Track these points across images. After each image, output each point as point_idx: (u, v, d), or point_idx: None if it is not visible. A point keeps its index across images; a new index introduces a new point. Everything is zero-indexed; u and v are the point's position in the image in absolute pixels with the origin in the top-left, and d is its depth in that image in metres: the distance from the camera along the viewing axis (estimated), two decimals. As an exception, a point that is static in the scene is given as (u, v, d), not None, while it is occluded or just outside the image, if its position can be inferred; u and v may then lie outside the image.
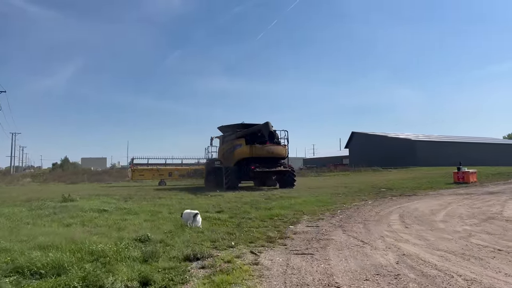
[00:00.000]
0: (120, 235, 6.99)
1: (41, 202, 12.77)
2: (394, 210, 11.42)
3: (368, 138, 71.47)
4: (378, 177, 35.04)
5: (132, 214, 10.29)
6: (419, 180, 27.32)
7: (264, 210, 11.11)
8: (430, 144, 64.90)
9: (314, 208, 11.82)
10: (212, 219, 9.34)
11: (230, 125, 24.96)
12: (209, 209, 11.50)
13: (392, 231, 7.96)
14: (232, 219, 9.55)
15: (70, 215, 9.83)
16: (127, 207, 11.48)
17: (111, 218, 9.35)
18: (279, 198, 15.15)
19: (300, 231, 7.92)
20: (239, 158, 22.61)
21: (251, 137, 22.80)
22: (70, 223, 8.74)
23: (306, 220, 9.47)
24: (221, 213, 10.57)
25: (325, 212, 11.07)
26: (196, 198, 15.41)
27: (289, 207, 11.95)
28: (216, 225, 8.57)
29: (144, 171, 29.65)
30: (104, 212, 10.61)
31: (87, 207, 11.37)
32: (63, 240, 6.34)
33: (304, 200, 13.74)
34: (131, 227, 8.05)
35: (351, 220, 9.59)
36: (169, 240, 6.57)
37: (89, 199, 14.15)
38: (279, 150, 22.66)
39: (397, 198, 15.45)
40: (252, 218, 9.62)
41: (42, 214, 10.08)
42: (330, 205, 12.74)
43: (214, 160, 26.87)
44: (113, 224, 8.49)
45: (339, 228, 8.37)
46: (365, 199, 15.06)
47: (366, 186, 22.70)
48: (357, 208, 12.21)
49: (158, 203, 13.52)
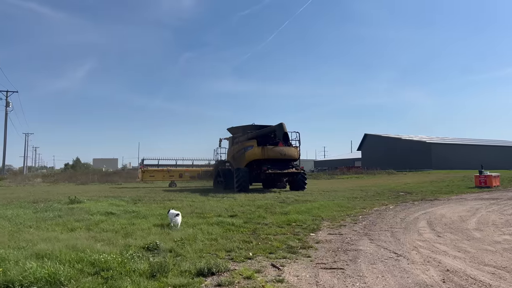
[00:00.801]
0: (126, 242, 6.39)
1: (47, 204, 12.29)
2: (420, 217, 10.63)
3: (381, 140, 70.13)
4: (394, 180, 34.07)
5: (141, 218, 9.70)
6: (437, 184, 26.35)
7: (280, 215, 10.43)
8: (445, 146, 63.33)
9: (333, 213, 11.10)
10: (225, 224, 8.69)
11: (240, 127, 24.33)
12: (221, 213, 10.86)
13: (424, 240, 7.21)
14: (247, 224, 8.89)
15: (76, 218, 9.29)
16: (135, 210, 10.90)
17: (118, 222, 8.77)
18: (294, 201, 14.45)
19: (322, 239, 7.22)
20: (250, 160, 21.95)
21: (263, 138, 22.13)
22: (74, 227, 8.18)
23: (326, 227, 8.76)
24: (235, 218, 9.92)
25: (346, 218, 10.34)
26: (207, 201, 14.80)
27: (306, 211, 11.25)
28: (230, 231, 7.92)
29: (155, 172, 29.19)
30: (112, 215, 10.04)
31: (94, 209, 10.84)
32: (64, 247, 5.76)
33: (321, 204, 13.01)
34: (139, 233, 7.45)
35: (376, 227, 8.84)
36: (179, 249, 5.93)
37: (97, 201, 13.63)
38: (291, 152, 21.94)
39: (419, 203, 14.61)
40: (268, 224, 8.95)
41: (47, 217, 9.56)
42: (350, 210, 12.01)
43: (223, 161, 26.28)
44: (120, 229, 7.90)
45: (365, 236, 7.65)
46: (385, 204, 14.28)
47: (383, 189, 21.87)
48: (379, 213, 11.44)
49: (169, 205, 12.92)
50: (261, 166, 21.34)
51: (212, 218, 9.78)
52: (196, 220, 9.33)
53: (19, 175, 44.09)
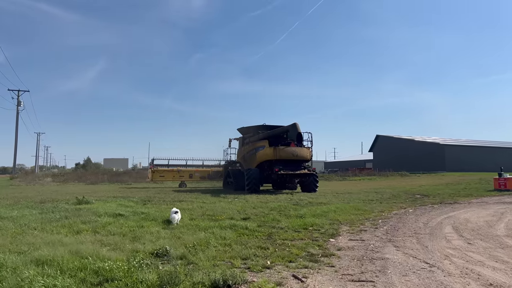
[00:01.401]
0: (134, 247, 5.95)
1: (54, 204, 11.96)
2: (443, 221, 10.03)
3: (393, 141, 69.08)
4: (408, 182, 33.25)
5: (150, 220, 9.29)
6: (454, 187, 25.52)
7: (295, 218, 9.92)
8: (459, 148, 62.06)
9: (351, 217, 10.56)
10: (238, 228, 8.21)
11: (251, 127, 23.87)
12: (234, 215, 10.40)
13: (454, 248, 6.64)
14: (261, 228, 8.41)
15: (82, 220, 8.91)
16: (144, 212, 10.50)
17: (126, 225, 8.36)
18: (308, 204, 13.92)
19: (344, 246, 6.70)
20: (261, 160, 21.47)
21: (274, 138, 21.64)
22: (80, 229, 7.79)
23: (346, 232, 8.23)
24: (248, 221, 9.45)
25: (365, 222, 9.79)
26: (218, 202, 14.35)
27: (322, 215, 10.72)
28: (244, 235, 7.44)
29: (165, 172, 28.86)
30: (120, 217, 9.65)
31: (102, 211, 10.47)
32: (67, 253, 5.35)
33: (337, 207, 12.47)
34: (148, 237, 7.02)
35: (399, 232, 8.28)
36: (191, 255, 5.47)
37: (105, 202, 13.29)
38: (304, 153, 21.39)
39: (438, 207, 13.96)
40: (283, 228, 8.46)
41: (53, 218, 9.20)
42: (368, 214, 11.44)
43: (233, 162, 25.84)
44: (128, 232, 7.49)
45: (389, 243, 7.10)
46: (403, 207, 13.66)
47: (399, 192, 21.18)
48: (399, 217, 10.86)
49: (179, 207, 12.47)
50: (272, 167, 20.85)
51: (224, 221, 9.33)
52: (208, 223, 8.88)
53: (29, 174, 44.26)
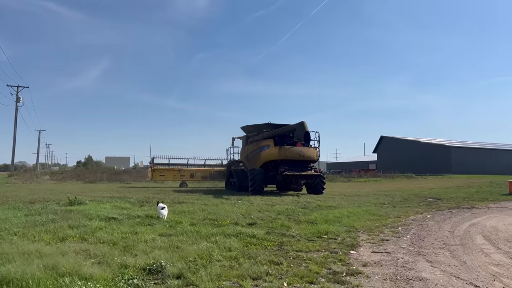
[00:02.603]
0: (123, 261, 5.03)
1: (44, 205, 11.05)
2: (470, 230, 9.07)
3: (398, 143, 68.02)
4: (416, 184, 32.25)
5: (146, 225, 8.37)
6: (465, 190, 24.51)
7: (306, 225, 8.99)
8: (465, 150, 61.00)
9: (367, 223, 9.62)
10: (245, 236, 7.28)
11: (255, 125, 22.89)
12: (238, 220, 9.47)
13: (498, 264, 5.69)
14: (270, 236, 7.47)
15: (71, 224, 8.00)
16: (140, 215, 9.58)
17: (119, 230, 7.45)
18: (317, 207, 12.98)
19: (369, 260, 5.75)
20: (265, 160, 20.52)
21: (280, 138, 20.70)
22: (66, 236, 6.88)
23: (367, 242, 7.29)
24: (255, 227, 8.52)
25: (384, 229, 8.85)
26: (221, 204, 13.42)
27: (336, 220, 9.78)
28: (252, 245, 6.51)
29: (165, 171, 27.93)
30: (113, 221, 8.73)
31: (94, 213, 9.55)
32: (42, 269, 4.43)
33: (350, 212, 11.52)
34: (141, 246, 6.10)
35: (426, 243, 7.34)
36: (191, 273, 4.54)
37: (100, 203, 12.38)
38: (310, 153, 20.42)
39: (457, 212, 13.00)
40: (295, 236, 7.52)
41: (38, 222, 8.29)
42: (384, 219, 10.51)
43: (236, 161, 24.91)
44: (120, 240, 6.57)
45: (419, 256, 6.16)
46: (419, 212, 12.71)
47: (409, 195, 20.19)
48: (419, 224, 9.91)
49: (178, 209, 11.62)
50: (277, 167, 19.90)
51: (228, 226, 8.41)
52: (210, 229, 7.95)
53: (28, 172, 43.42)
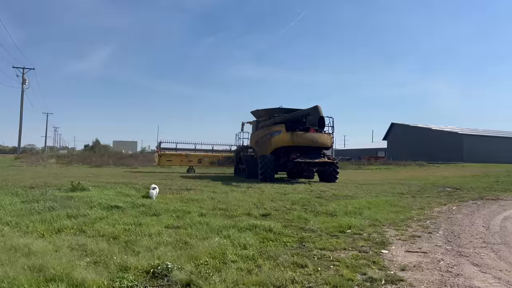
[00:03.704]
0: (123, 261, 4.33)
1: (44, 190, 10.42)
2: (505, 224, 8.24)
3: (409, 130, 66.72)
4: (429, 172, 31.33)
5: (151, 214, 7.68)
6: (483, 179, 23.54)
7: (325, 217, 8.24)
8: (478, 138, 59.61)
9: (390, 216, 8.84)
10: (260, 229, 6.54)
11: (266, 109, 22.02)
12: (251, 210, 8.75)
13: (556, 270, 4.90)
14: (288, 230, 6.75)
15: (69, 213, 7.34)
16: (146, 204, 8.89)
17: (121, 222, 6.76)
18: (332, 197, 12.23)
19: (406, 263, 4.99)
20: (276, 146, 19.72)
21: (292, 123, 19.83)
22: (63, 227, 6.21)
23: (396, 238, 6.51)
24: (269, 219, 7.81)
25: (411, 223, 8.07)
26: (230, 192, 12.73)
27: (356, 212, 9.02)
28: (269, 242, 5.78)
29: (172, 156, 27.28)
30: (116, 209, 8.06)
31: (96, 200, 8.88)
32: (27, 270, 3.74)
33: (369, 202, 10.75)
34: (145, 241, 5.40)
35: (463, 240, 6.55)
36: (202, 280, 3.81)
37: (103, 189, 11.73)
38: (324, 139, 19.57)
39: (482, 203, 12.15)
40: (315, 231, 6.78)
41: (35, 209, 7.64)
42: (407, 211, 9.72)
43: (246, 147, 24.16)
44: (121, 233, 5.88)
45: (461, 257, 5.38)
46: (442, 203, 11.89)
47: (425, 183, 19.32)
48: (447, 217, 9.10)
49: (186, 197, 10.94)
50: (289, 154, 19.12)
51: (241, 218, 7.70)
52: (222, 220, 7.24)
53: (34, 155, 43.15)
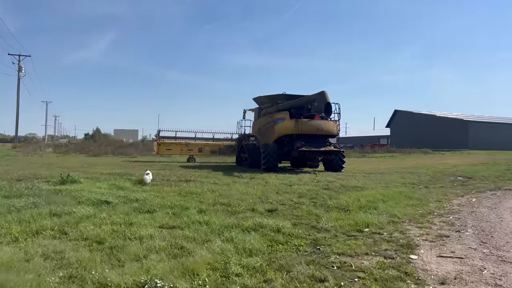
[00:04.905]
0: (102, 278, 3.53)
1: (31, 184, 9.63)
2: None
3: (413, 117, 65.71)
4: (435, 161, 30.48)
5: (144, 211, 6.89)
6: (494, 168, 22.69)
7: (338, 212, 7.44)
8: (483, 125, 58.62)
9: (408, 210, 8.05)
10: (267, 230, 5.75)
11: (268, 96, 21.04)
12: (255, 205, 7.96)
13: None
14: (298, 229, 5.95)
15: (53, 211, 6.54)
16: (139, 198, 8.10)
17: (109, 221, 5.97)
18: (341, 188, 11.42)
19: (443, 273, 4.19)
20: (280, 135, 18.83)
21: (296, 110, 18.91)
22: (42, 227, 5.43)
23: (422, 239, 5.71)
24: (276, 216, 7.02)
25: (432, 219, 7.28)
26: (233, 183, 11.93)
27: (370, 206, 8.22)
28: (278, 245, 4.99)
29: (172, 145, 26.43)
30: (105, 206, 7.27)
31: (85, 195, 8.09)
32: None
33: (382, 194, 9.94)
34: (134, 247, 4.61)
35: (497, 240, 5.74)
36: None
37: (96, 181, 10.95)
38: (330, 126, 18.66)
39: (502, 195, 11.34)
40: (329, 230, 5.98)
41: (15, 206, 6.83)
42: (424, 204, 8.93)
43: (248, 135, 23.28)
44: (107, 236, 5.09)
45: (506, 265, 4.58)
46: (459, 194, 11.12)
47: (434, 172, 18.51)
48: (470, 212, 8.30)
49: (185, 189, 10.14)
50: (293, 142, 18.24)
51: (244, 214, 6.92)
52: (223, 218, 6.45)
53: (31, 145, 42.39)
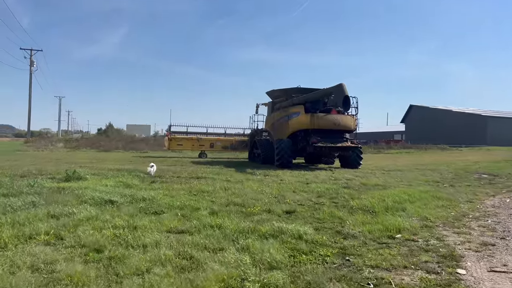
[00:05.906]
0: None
1: (33, 181, 9.14)
2: None
3: (428, 112, 64.17)
4: (454, 157, 29.38)
5: (151, 213, 6.31)
6: (518, 164, 21.66)
7: (363, 215, 6.74)
8: (502, 120, 56.85)
9: (439, 212, 7.31)
10: (288, 236, 5.09)
11: (283, 89, 20.29)
12: (271, 205, 7.32)
13: None
14: (322, 235, 5.29)
15: (52, 211, 6.01)
16: (147, 197, 7.53)
17: (112, 224, 5.39)
18: (362, 187, 10.70)
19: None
20: (294, 130, 18.11)
21: (311, 103, 18.14)
22: (36, 231, 4.87)
23: (465, 248, 4.99)
24: (295, 218, 6.37)
25: (469, 223, 6.54)
26: (246, 181, 11.32)
27: (397, 207, 7.49)
28: (302, 256, 4.35)
29: (183, 140, 25.91)
30: (110, 205, 6.72)
31: (89, 193, 7.55)
32: None
33: (408, 194, 9.17)
34: (135, 259, 4.01)
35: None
36: None
37: (103, 177, 10.44)
38: (347, 121, 17.86)
39: (536, 194, 10.50)
40: (357, 236, 5.30)
41: (11, 206, 6.31)
42: (455, 206, 8.16)
43: (260, 131, 22.59)
44: (107, 243, 4.51)
45: None
46: (489, 193, 10.31)
47: (456, 169, 17.58)
48: (509, 214, 7.49)
49: (196, 187, 9.56)
50: (308, 137, 17.51)
51: (260, 216, 6.29)
52: (237, 221, 5.82)
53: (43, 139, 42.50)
